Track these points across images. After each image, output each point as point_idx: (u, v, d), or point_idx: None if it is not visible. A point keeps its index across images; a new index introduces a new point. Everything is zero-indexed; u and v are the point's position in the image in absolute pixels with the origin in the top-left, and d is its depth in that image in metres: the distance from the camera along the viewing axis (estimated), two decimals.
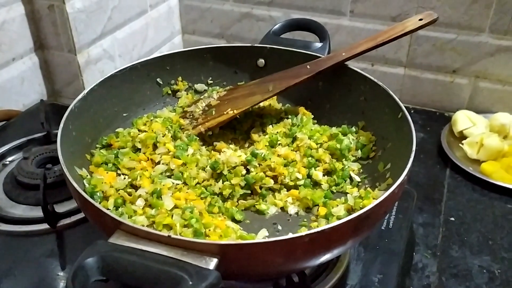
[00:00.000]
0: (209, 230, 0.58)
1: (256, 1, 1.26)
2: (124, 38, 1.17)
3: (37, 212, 0.75)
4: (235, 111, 0.77)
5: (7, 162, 0.90)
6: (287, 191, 0.69)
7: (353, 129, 0.76)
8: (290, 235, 0.48)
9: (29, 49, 1.05)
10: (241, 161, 0.69)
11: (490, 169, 0.94)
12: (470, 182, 0.94)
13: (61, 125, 0.64)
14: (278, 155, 0.71)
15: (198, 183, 0.67)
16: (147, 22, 1.25)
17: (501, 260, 0.77)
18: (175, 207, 0.61)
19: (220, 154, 0.72)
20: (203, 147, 0.75)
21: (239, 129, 0.79)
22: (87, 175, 0.66)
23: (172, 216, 0.59)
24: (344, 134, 0.75)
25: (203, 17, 1.35)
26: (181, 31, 1.41)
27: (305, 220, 0.66)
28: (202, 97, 0.83)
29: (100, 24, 1.09)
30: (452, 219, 0.86)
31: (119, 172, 0.68)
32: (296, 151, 0.73)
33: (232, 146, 0.77)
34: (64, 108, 0.69)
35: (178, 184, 0.66)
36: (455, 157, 0.98)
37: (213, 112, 0.78)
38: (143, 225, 0.57)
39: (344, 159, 0.73)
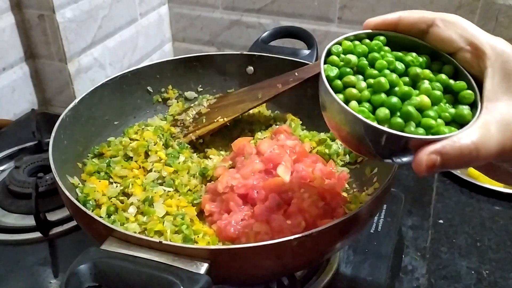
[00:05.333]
0: (198, 236, 0.59)
1: (246, 8, 1.27)
2: (114, 46, 1.18)
3: (29, 221, 0.76)
4: (225, 119, 0.78)
5: None
6: None
7: None
8: (279, 239, 0.49)
9: (20, 59, 1.05)
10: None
11: (477, 172, 0.94)
12: (458, 185, 0.95)
13: (53, 134, 0.65)
14: None
15: (189, 190, 0.68)
16: (137, 31, 1.26)
17: (488, 261, 0.79)
18: (167, 214, 0.62)
19: (208, 160, 0.74)
20: (194, 154, 0.76)
21: (229, 135, 0.80)
22: (79, 184, 0.67)
23: (164, 222, 0.60)
24: (333, 140, 0.76)
25: (193, 24, 1.36)
26: (171, 38, 1.42)
27: None
28: (192, 105, 0.84)
29: (90, 33, 1.09)
30: (441, 221, 0.87)
31: (111, 180, 0.69)
32: None
33: (222, 152, 0.78)
34: (55, 117, 0.69)
35: (170, 191, 0.67)
36: None
37: (204, 120, 0.79)
38: (135, 232, 0.58)
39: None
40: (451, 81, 0.47)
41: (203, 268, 0.47)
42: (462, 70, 0.47)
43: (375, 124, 0.43)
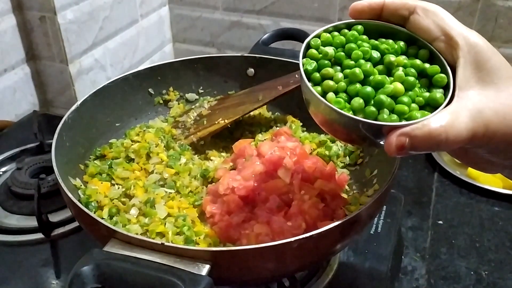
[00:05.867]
0: (199, 238, 0.59)
1: (246, 9, 1.27)
2: (115, 47, 1.19)
3: (32, 222, 0.76)
4: (226, 121, 0.78)
5: (1, 173, 0.91)
6: None
7: None
8: (279, 241, 0.49)
9: (21, 60, 1.06)
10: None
11: (476, 172, 0.96)
12: (458, 186, 0.95)
13: (55, 136, 0.65)
14: None
15: (190, 191, 0.68)
16: (138, 32, 1.26)
17: (487, 262, 0.79)
18: (168, 215, 0.63)
19: (209, 162, 0.74)
20: (196, 156, 0.77)
21: (230, 137, 0.81)
22: (81, 185, 0.67)
23: (165, 224, 0.60)
24: (333, 141, 0.77)
25: (193, 25, 1.37)
26: (172, 39, 1.42)
27: None
28: (193, 107, 0.84)
29: (91, 34, 1.10)
30: (440, 222, 0.87)
31: (113, 182, 0.69)
32: None
33: (223, 154, 0.78)
34: (56, 118, 0.70)
35: (171, 193, 0.67)
36: (442, 161, 0.99)
37: (205, 122, 0.79)
38: (137, 234, 0.58)
39: None
40: (426, 65, 0.48)
41: (204, 269, 0.47)
42: (437, 54, 0.48)
43: (347, 113, 0.45)
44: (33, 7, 1.00)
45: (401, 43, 0.50)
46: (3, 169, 0.92)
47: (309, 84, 0.48)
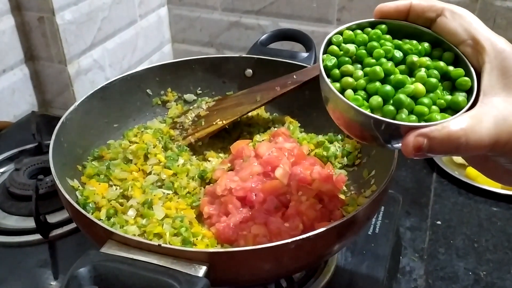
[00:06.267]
0: (196, 239, 0.59)
1: (245, 10, 1.27)
2: (114, 48, 1.18)
3: (30, 223, 0.76)
4: (224, 122, 0.78)
5: None
6: None
7: (339, 136, 0.78)
8: (277, 242, 0.49)
9: (20, 61, 1.06)
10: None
11: (475, 173, 0.96)
12: (456, 186, 0.95)
13: (53, 137, 0.65)
14: None
15: (188, 192, 0.68)
16: (137, 32, 1.26)
17: (486, 262, 0.79)
18: (166, 216, 0.63)
19: (207, 163, 0.74)
20: (194, 156, 0.77)
21: (228, 138, 0.81)
22: (78, 186, 0.67)
23: (163, 225, 0.60)
24: (331, 142, 0.77)
25: (192, 26, 1.37)
26: (171, 40, 1.42)
27: None
28: (191, 107, 0.84)
29: (90, 34, 1.10)
30: (439, 222, 0.87)
31: (111, 183, 0.69)
32: None
33: (221, 155, 0.78)
34: (55, 119, 0.70)
35: (169, 194, 0.67)
36: (441, 161, 0.99)
37: (203, 123, 0.79)
38: (134, 235, 0.58)
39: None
40: (450, 67, 0.48)
41: (201, 270, 0.47)
42: (463, 57, 0.47)
43: (365, 111, 0.44)
44: (31, 8, 1.00)
45: (426, 45, 0.49)
46: (1, 170, 0.92)
47: (327, 80, 0.47)
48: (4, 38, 1.01)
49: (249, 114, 0.82)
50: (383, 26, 0.50)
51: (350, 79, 0.47)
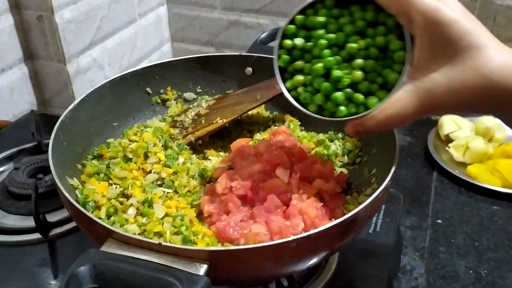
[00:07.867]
0: (197, 238, 0.59)
1: (244, 9, 1.27)
2: (113, 47, 1.18)
3: (29, 222, 0.76)
4: (224, 120, 0.78)
5: None
6: None
7: (340, 135, 0.78)
8: (278, 241, 0.49)
9: (19, 59, 1.06)
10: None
11: (475, 171, 0.96)
12: (457, 185, 0.95)
13: (52, 136, 0.65)
14: None
15: (188, 191, 0.68)
16: (136, 31, 1.26)
17: (487, 261, 0.79)
18: (166, 215, 0.62)
19: (207, 162, 0.74)
20: (194, 155, 0.76)
21: (228, 136, 0.80)
22: (78, 185, 0.67)
23: (163, 224, 0.60)
24: (331, 140, 0.77)
25: (191, 25, 1.37)
26: (170, 39, 1.42)
27: None
28: (191, 106, 0.84)
29: (89, 33, 1.10)
30: (439, 221, 0.87)
31: (110, 182, 0.69)
32: None
33: (221, 153, 0.78)
34: (54, 118, 0.70)
35: (169, 192, 0.67)
36: (441, 160, 0.99)
37: (203, 121, 0.79)
38: (134, 233, 0.58)
39: None
40: (390, 37, 0.53)
41: (202, 269, 0.47)
42: (403, 27, 0.51)
43: (306, 110, 0.57)
44: (30, 7, 1.00)
45: (369, 14, 0.54)
46: (1, 169, 0.92)
47: (281, 82, 0.59)
48: (3, 37, 1.00)
49: (249, 112, 0.81)
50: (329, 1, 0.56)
51: (300, 77, 0.57)
